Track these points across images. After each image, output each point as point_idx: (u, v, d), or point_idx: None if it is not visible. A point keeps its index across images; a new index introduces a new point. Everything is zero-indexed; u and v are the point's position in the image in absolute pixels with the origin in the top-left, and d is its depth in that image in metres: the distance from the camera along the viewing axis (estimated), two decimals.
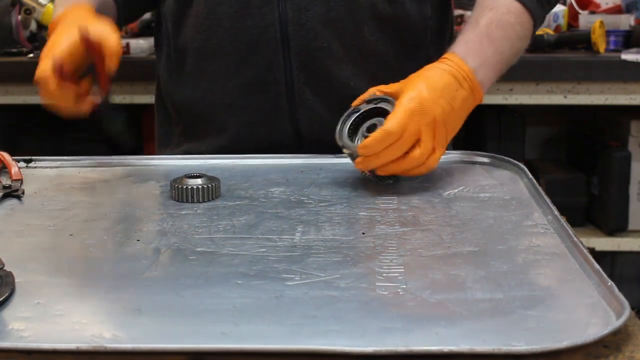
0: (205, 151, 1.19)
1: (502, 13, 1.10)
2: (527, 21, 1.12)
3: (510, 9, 1.11)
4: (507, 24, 1.10)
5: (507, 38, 1.10)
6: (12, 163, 1.08)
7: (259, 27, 1.11)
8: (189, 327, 0.64)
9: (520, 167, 1.05)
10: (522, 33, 1.12)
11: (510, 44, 1.10)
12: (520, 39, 1.12)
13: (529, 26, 1.13)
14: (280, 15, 1.10)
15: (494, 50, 1.07)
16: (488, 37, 1.08)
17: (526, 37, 1.14)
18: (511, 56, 1.12)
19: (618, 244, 2.39)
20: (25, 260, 0.78)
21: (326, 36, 1.11)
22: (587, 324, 0.63)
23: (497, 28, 1.09)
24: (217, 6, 1.12)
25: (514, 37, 1.11)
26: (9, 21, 2.41)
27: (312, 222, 0.88)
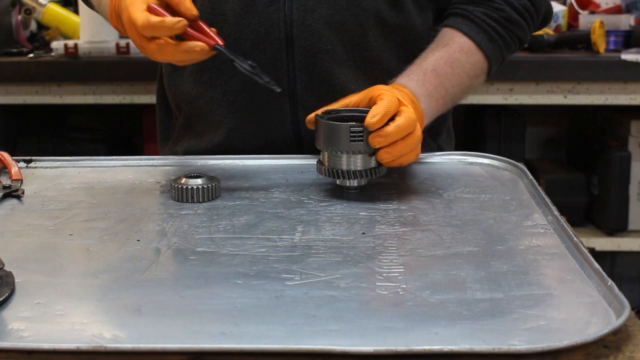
0: (203, 148, 1.19)
1: (454, 51, 1.12)
2: (480, 61, 1.14)
3: (463, 47, 1.12)
4: (457, 61, 1.11)
5: (454, 75, 1.11)
6: (12, 163, 1.08)
7: (264, 25, 1.11)
8: (189, 327, 0.64)
9: (520, 167, 1.05)
10: (472, 72, 1.13)
11: (458, 81, 1.12)
12: (470, 77, 1.13)
13: (481, 65, 1.14)
14: (285, 15, 1.10)
15: (437, 84, 1.09)
16: (434, 71, 1.09)
17: (477, 76, 1.15)
18: (457, 93, 1.13)
19: (618, 244, 2.39)
20: (25, 260, 0.78)
21: (330, 39, 1.11)
22: (587, 324, 0.63)
23: (445, 64, 1.10)
24: (223, 3, 1.12)
25: (463, 74, 1.12)
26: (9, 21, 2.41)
27: (312, 222, 0.88)
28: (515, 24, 1.15)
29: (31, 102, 2.28)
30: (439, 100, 1.09)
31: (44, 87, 2.25)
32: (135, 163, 1.14)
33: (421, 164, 1.11)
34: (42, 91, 2.26)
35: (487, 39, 1.13)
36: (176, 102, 1.23)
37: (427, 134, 1.23)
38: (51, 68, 2.24)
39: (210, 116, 1.18)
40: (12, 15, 2.42)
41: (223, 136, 1.18)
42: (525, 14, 1.15)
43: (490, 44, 1.13)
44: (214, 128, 1.18)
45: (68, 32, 2.44)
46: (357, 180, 0.95)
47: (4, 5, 2.39)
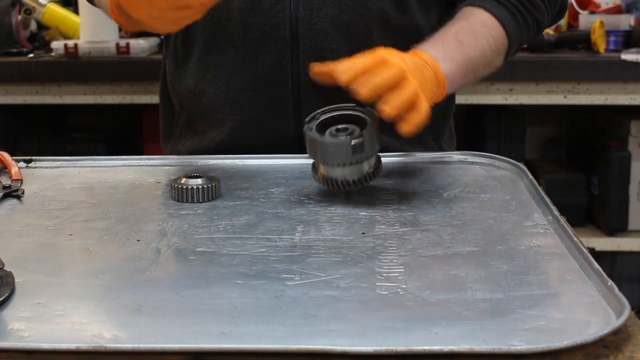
0: (206, 146, 1.19)
1: (476, 24, 1.09)
2: (502, 37, 1.10)
3: (485, 22, 1.10)
4: (479, 33, 1.08)
5: (477, 45, 1.07)
6: (12, 163, 1.08)
7: (270, 23, 1.11)
8: (189, 327, 0.64)
9: (520, 167, 1.05)
10: (494, 46, 1.10)
11: (481, 51, 1.07)
12: (492, 51, 1.10)
13: (503, 42, 1.11)
14: (291, 13, 1.10)
15: (459, 49, 1.04)
16: (455, 38, 1.05)
17: (499, 52, 1.11)
18: (480, 64, 1.09)
19: (618, 244, 2.39)
20: (25, 260, 0.78)
21: (335, 38, 1.11)
22: (587, 324, 0.63)
23: (467, 33, 1.07)
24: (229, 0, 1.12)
25: (486, 46, 1.08)
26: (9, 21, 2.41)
27: (312, 222, 0.88)
28: (535, 5, 1.13)
29: (31, 102, 2.28)
30: (460, 65, 1.04)
31: (44, 87, 2.25)
32: (135, 163, 1.14)
33: (421, 164, 1.11)
34: (42, 91, 2.26)
35: (509, 15, 1.10)
36: (179, 100, 1.23)
37: (429, 134, 1.23)
38: (51, 68, 2.24)
39: (212, 114, 1.18)
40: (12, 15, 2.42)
41: (225, 134, 1.18)
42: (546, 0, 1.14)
43: (512, 20, 1.11)
44: (216, 126, 1.18)
45: (68, 32, 2.44)
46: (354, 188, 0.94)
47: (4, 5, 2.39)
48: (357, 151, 0.91)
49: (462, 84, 1.08)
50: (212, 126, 1.19)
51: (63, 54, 2.24)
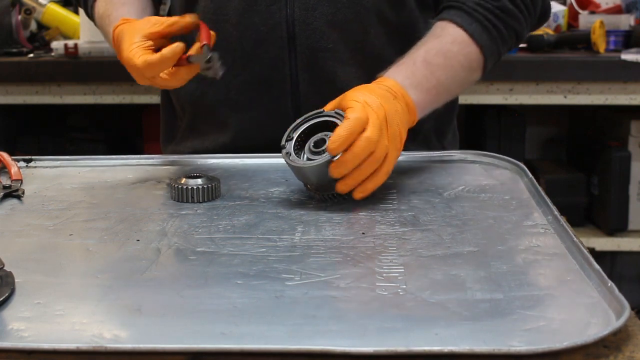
0: (208, 147, 1.19)
1: (446, 42, 1.07)
2: (474, 52, 1.09)
3: (456, 39, 1.08)
4: (449, 52, 1.07)
5: (447, 66, 1.06)
6: (12, 163, 1.08)
7: (267, 24, 1.11)
8: (189, 327, 0.64)
9: (520, 166, 1.05)
10: (466, 63, 1.08)
11: (452, 73, 1.07)
12: (464, 69, 1.09)
13: (475, 57, 1.09)
14: (287, 14, 1.10)
15: (428, 74, 1.04)
16: (424, 62, 1.04)
17: (472, 68, 1.10)
18: (452, 85, 1.08)
19: (618, 244, 2.39)
20: (25, 260, 0.78)
21: (332, 37, 1.11)
22: (587, 325, 0.63)
23: (436, 55, 1.06)
24: (225, 2, 1.12)
25: (456, 65, 1.07)
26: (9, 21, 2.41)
27: (312, 222, 0.88)
28: (510, 14, 1.11)
29: (31, 102, 2.28)
30: (430, 91, 1.04)
31: (44, 87, 2.25)
32: (135, 162, 1.14)
33: (421, 163, 1.11)
34: (42, 91, 2.26)
35: (481, 29, 1.09)
36: (180, 103, 1.24)
37: (433, 135, 1.23)
38: (51, 68, 2.24)
39: (214, 116, 1.18)
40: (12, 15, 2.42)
41: (227, 136, 1.18)
42: (520, 4, 1.12)
43: (485, 34, 1.09)
44: (218, 128, 1.18)
45: (68, 32, 2.44)
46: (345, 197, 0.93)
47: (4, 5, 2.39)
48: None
49: (435, 107, 1.08)
50: (213, 128, 1.19)
51: (63, 54, 2.24)
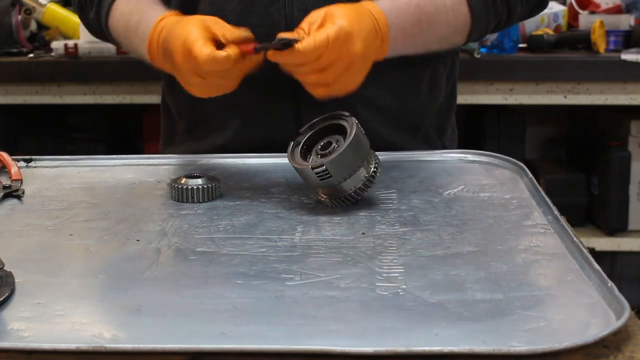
0: (205, 149, 1.19)
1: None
2: (464, 13, 1.08)
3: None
4: (442, 4, 1.06)
5: (435, 18, 1.05)
6: (12, 163, 1.08)
7: (265, 25, 1.11)
8: (189, 327, 0.64)
9: (520, 166, 1.05)
10: (453, 21, 1.07)
11: (437, 26, 1.06)
12: (450, 26, 1.08)
13: (464, 19, 1.08)
14: (286, 15, 1.10)
15: (415, 20, 1.04)
16: (418, 7, 1.04)
17: (457, 28, 1.09)
18: (432, 39, 1.08)
19: (618, 244, 2.39)
20: (25, 260, 0.78)
21: None
22: (587, 325, 0.63)
23: (430, 3, 1.05)
24: (224, 4, 1.12)
25: (443, 20, 1.06)
26: (9, 21, 2.41)
27: (312, 222, 0.88)
28: None
29: (31, 102, 2.28)
30: (408, 38, 1.04)
31: (44, 87, 2.25)
32: (135, 162, 1.14)
33: (421, 163, 1.11)
34: (42, 91, 2.26)
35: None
36: (177, 107, 1.23)
37: (434, 132, 1.23)
38: (51, 68, 2.24)
39: (213, 119, 1.18)
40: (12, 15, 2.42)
41: (226, 138, 1.18)
42: None
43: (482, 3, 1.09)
44: (216, 131, 1.18)
45: (68, 32, 2.44)
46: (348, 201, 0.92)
47: (4, 5, 2.39)
48: (324, 176, 0.89)
49: (406, 49, 1.06)
50: (213, 130, 1.19)
51: (63, 54, 2.24)
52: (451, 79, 1.24)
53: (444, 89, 1.22)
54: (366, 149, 0.91)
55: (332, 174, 0.89)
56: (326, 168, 0.88)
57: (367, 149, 0.92)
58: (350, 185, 0.91)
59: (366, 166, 0.91)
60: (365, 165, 0.91)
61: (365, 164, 0.91)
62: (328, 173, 0.89)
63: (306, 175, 0.91)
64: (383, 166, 0.99)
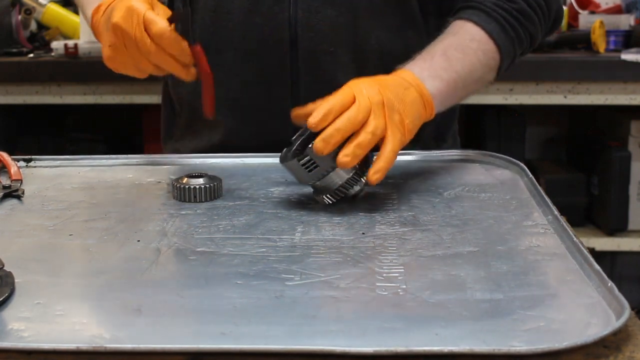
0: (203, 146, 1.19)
1: (465, 39, 1.07)
2: (492, 51, 1.08)
3: (474, 36, 1.08)
4: (468, 48, 1.06)
5: (466, 60, 1.05)
6: (12, 163, 1.08)
7: (269, 25, 1.11)
8: (189, 327, 0.64)
9: (520, 166, 1.05)
10: (484, 60, 1.08)
11: (470, 67, 1.05)
12: (483, 65, 1.08)
13: (493, 56, 1.09)
14: (290, 16, 1.10)
15: (446, 65, 1.02)
16: (443, 55, 1.03)
17: (489, 66, 1.09)
18: (469, 79, 1.06)
19: (618, 244, 2.39)
20: (25, 260, 0.78)
21: (334, 40, 1.11)
22: (587, 325, 0.63)
23: (455, 50, 1.05)
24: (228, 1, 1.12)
25: (475, 61, 1.06)
26: (9, 21, 2.41)
27: (312, 222, 0.88)
28: (527, 17, 1.10)
29: (31, 102, 2.28)
30: (450, 83, 1.02)
31: (44, 87, 2.25)
32: (135, 162, 1.14)
33: (421, 162, 1.11)
34: (42, 91, 2.26)
35: (499, 28, 1.08)
36: (179, 101, 1.24)
37: (433, 141, 1.23)
38: (51, 68, 2.24)
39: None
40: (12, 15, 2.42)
41: (223, 135, 1.18)
42: (537, 8, 1.11)
43: (503, 34, 1.09)
44: (215, 127, 1.18)
45: (68, 32, 2.44)
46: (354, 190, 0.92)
47: (4, 5, 2.39)
48: (310, 167, 0.89)
49: (452, 102, 1.07)
50: (211, 127, 1.19)
51: (63, 54, 2.24)
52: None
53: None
54: None
55: (317, 163, 0.89)
56: (310, 157, 0.89)
57: None
58: (341, 177, 0.90)
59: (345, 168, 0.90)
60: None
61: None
62: (313, 162, 0.89)
63: (295, 170, 0.91)
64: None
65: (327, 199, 0.92)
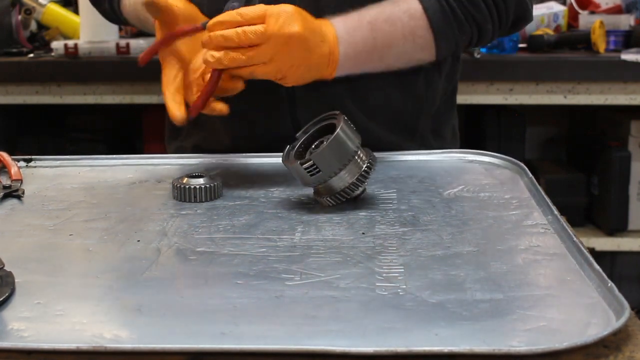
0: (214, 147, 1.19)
1: (399, 10, 1.07)
2: (423, 28, 1.08)
3: (409, 9, 1.07)
4: (399, 20, 1.06)
5: (391, 34, 1.06)
6: (12, 163, 1.08)
7: None
8: (189, 327, 0.64)
9: (520, 166, 1.05)
10: (410, 37, 1.07)
11: (394, 42, 1.06)
12: (408, 42, 1.07)
13: (423, 34, 1.08)
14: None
15: (367, 36, 1.04)
16: (370, 24, 1.05)
17: (417, 44, 1.08)
18: (391, 55, 1.08)
19: (618, 244, 2.39)
20: (25, 260, 0.78)
21: None
22: (587, 325, 0.63)
23: (385, 21, 1.05)
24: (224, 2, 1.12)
25: (399, 37, 1.07)
26: (9, 21, 2.41)
27: (312, 222, 0.88)
28: (474, 5, 1.09)
29: (31, 102, 2.28)
30: (360, 55, 1.05)
31: (44, 87, 2.25)
32: (136, 162, 1.14)
33: (420, 162, 1.11)
34: (42, 91, 2.26)
35: (438, 7, 1.07)
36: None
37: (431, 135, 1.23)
38: (51, 68, 2.24)
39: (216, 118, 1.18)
40: (12, 15, 2.42)
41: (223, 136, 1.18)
42: (489, 2, 1.10)
43: (440, 14, 1.07)
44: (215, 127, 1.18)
45: (68, 32, 2.44)
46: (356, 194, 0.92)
47: (4, 5, 2.39)
48: (313, 172, 0.89)
49: (361, 65, 1.07)
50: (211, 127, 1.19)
51: (63, 54, 2.24)
52: (450, 85, 1.24)
53: (439, 95, 1.21)
54: (356, 144, 0.90)
55: (320, 169, 0.89)
56: (314, 162, 0.89)
57: (356, 143, 0.90)
58: (344, 181, 0.90)
59: (357, 161, 0.91)
60: (356, 161, 0.91)
61: (357, 159, 0.91)
62: (316, 167, 0.89)
63: (298, 172, 0.91)
64: (383, 166, 0.99)
65: (329, 201, 0.92)
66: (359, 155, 0.91)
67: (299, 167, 0.90)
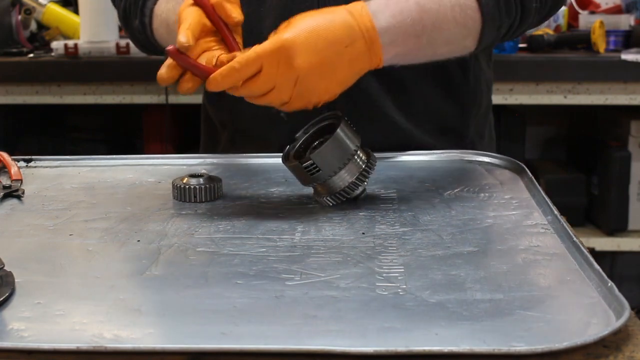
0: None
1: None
2: (472, 8, 0.98)
3: None
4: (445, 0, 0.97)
5: (439, 14, 0.96)
6: (12, 163, 1.08)
7: None
8: (189, 327, 0.64)
9: (520, 166, 1.05)
10: (460, 18, 0.97)
11: (442, 24, 0.97)
12: (457, 24, 0.98)
13: (472, 15, 0.98)
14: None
15: (417, 18, 0.94)
16: (417, 3, 0.95)
17: (466, 27, 0.99)
18: (439, 39, 0.98)
19: (618, 244, 2.39)
20: (25, 260, 0.78)
21: None
22: (587, 325, 0.63)
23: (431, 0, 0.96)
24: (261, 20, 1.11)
25: (449, 17, 0.97)
26: (9, 21, 2.41)
27: (312, 222, 0.88)
28: None
29: (31, 102, 2.28)
30: (409, 40, 0.95)
31: (44, 87, 2.25)
32: (136, 162, 1.14)
33: (421, 163, 1.11)
34: (42, 91, 2.26)
35: None
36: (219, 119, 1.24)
37: (477, 136, 1.22)
38: (51, 68, 2.24)
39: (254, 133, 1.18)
40: (12, 15, 2.42)
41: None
42: None
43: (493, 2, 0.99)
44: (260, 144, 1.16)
45: (68, 32, 2.44)
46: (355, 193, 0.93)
47: (4, 5, 2.39)
48: (313, 171, 0.89)
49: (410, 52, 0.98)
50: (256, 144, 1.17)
51: (63, 54, 2.24)
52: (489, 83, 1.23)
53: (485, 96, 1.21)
54: (355, 144, 0.91)
55: (320, 168, 0.89)
56: (313, 161, 0.89)
57: (356, 143, 0.91)
58: (344, 180, 0.91)
59: (357, 161, 0.91)
60: (356, 160, 0.91)
61: (357, 159, 0.91)
62: (316, 167, 0.89)
63: (298, 172, 0.91)
64: (383, 166, 0.99)
65: (329, 201, 0.92)
66: (359, 154, 0.91)
67: (299, 166, 0.90)
